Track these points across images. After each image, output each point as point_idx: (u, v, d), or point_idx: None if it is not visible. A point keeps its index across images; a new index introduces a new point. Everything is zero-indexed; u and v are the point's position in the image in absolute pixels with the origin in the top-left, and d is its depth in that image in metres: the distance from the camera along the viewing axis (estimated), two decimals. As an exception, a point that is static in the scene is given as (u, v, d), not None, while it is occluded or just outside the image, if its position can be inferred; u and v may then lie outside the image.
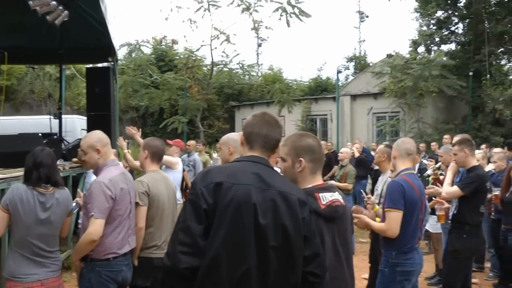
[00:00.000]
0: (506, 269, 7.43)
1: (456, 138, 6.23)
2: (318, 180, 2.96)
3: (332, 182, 8.68)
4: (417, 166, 9.68)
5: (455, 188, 5.77)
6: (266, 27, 20.51)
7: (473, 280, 7.33)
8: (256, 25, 20.10)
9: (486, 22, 22.90)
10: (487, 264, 8.71)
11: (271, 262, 2.43)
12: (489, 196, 7.17)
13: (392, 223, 4.43)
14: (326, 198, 2.83)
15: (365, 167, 12.71)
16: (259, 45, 43.16)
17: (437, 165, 7.87)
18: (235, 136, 4.39)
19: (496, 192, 7.32)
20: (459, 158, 5.85)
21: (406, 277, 4.59)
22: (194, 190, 2.49)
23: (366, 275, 4.84)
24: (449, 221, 6.02)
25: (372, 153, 13.12)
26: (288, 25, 18.51)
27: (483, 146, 12.79)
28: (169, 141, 8.43)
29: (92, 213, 3.90)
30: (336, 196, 2.91)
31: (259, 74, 35.03)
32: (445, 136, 12.94)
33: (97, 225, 3.90)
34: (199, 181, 2.50)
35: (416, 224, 4.61)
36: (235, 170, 2.58)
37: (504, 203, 7.18)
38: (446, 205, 5.84)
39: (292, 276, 2.50)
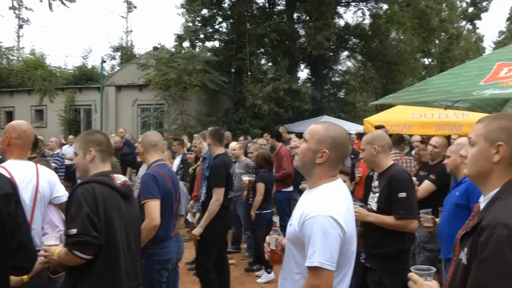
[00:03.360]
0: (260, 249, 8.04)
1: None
2: (109, 167, 3.48)
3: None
4: (179, 157, 9.91)
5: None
6: (26, 8, 19.16)
7: (231, 261, 7.79)
8: (15, 3, 18.64)
9: (248, 24, 24.28)
10: (244, 245, 9.31)
11: None
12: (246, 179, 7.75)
13: (152, 212, 4.41)
14: (120, 178, 3.39)
15: (128, 159, 12.57)
16: (20, 27, 40.01)
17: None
18: None
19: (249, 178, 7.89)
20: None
21: (163, 266, 4.68)
22: None
23: None
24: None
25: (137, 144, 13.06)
26: (51, 8, 17.55)
27: (241, 138, 13.66)
28: None
29: None
30: (126, 177, 3.49)
31: (20, 59, 32.47)
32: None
33: None
34: None
35: (171, 213, 4.70)
36: None
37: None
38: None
39: None
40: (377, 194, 4.49)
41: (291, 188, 9.28)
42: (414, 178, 6.27)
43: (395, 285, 4.22)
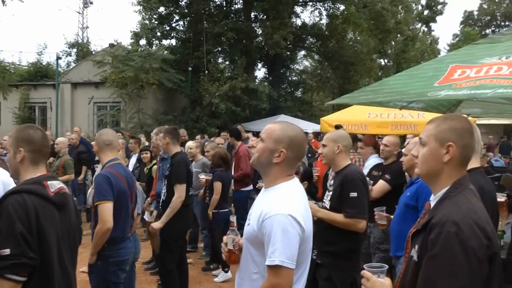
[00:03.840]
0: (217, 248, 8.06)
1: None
2: (42, 171, 3.02)
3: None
4: (136, 156, 9.82)
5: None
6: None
7: (188, 260, 7.77)
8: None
9: (205, 22, 24.20)
10: (201, 244, 9.30)
11: None
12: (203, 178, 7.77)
13: (105, 215, 4.36)
14: (54, 185, 2.94)
15: (83, 157, 12.35)
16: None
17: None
18: None
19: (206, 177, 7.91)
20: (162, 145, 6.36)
21: (120, 267, 4.62)
22: None
23: (85, 268, 4.78)
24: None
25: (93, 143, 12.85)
26: (4, 3, 17.15)
27: (198, 136, 13.64)
28: None
29: None
30: (62, 185, 3.04)
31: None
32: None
33: None
34: None
35: (127, 214, 4.65)
36: None
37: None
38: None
39: None
40: (331, 193, 4.56)
41: (250, 187, 9.29)
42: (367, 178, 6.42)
43: (343, 282, 4.28)
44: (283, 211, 2.58)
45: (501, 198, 5.33)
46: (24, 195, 2.79)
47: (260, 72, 35.38)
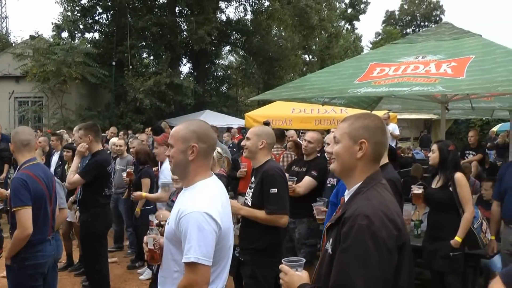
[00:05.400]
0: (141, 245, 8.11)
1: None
2: None
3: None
4: (58, 154, 9.61)
5: (77, 176, 6.03)
6: None
7: (113, 259, 7.83)
8: None
9: (129, 16, 23.94)
10: (126, 242, 9.35)
11: None
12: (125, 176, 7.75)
13: (24, 221, 4.25)
14: None
15: (5, 155, 12.04)
16: None
17: None
18: None
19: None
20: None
21: (36, 270, 4.51)
22: None
23: (5, 273, 4.67)
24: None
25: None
26: None
27: (120, 133, 13.56)
28: None
29: None
30: None
31: None
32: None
33: None
34: None
35: (45, 216, 4.56)
36: None
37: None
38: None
39: None
40: (252, 190, 4.60)
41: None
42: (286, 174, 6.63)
43: (266, 278, 4.34)
44: (198, 209, 2.65)
45: (418, 190, 5.68)
46: None
47: (185, 67, 35.27)
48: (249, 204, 4.58)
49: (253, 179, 4.71)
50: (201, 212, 2.64)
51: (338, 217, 2.30)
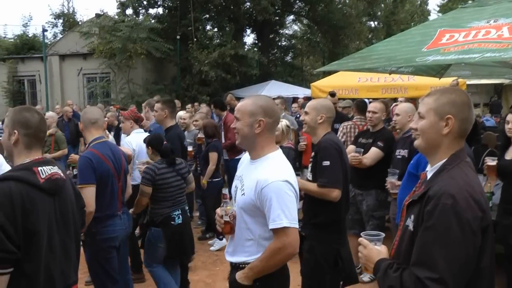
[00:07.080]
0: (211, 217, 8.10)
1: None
2: (36, 155, 2.87)
3: (46, 155, 8.27)
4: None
5: None
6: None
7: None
8: None
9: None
10: (196, 213, 9.40)
11: None
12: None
13: (87, 199, 4.05)
14: (45, 172, 2.76)
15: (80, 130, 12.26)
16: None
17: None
18: None
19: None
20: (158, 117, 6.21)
21: (108, 244, 4.66)
22: None
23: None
24: None
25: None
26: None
27: (188, 106, 13.60)
28: None
29: None
30: (56, 169, 2.86)
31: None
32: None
33: None
34: None
35: (113, 193, 4.65)
36: None
37: None
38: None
39: None
40: (311, 164, 4.50)
41: (242, 155, 9.26)
42: (353, 146, 6.40)
43: (325, 254, 4.25)
44: (280, 178, 2.86)
45: (491, 162, 5.38)
46: (11, 182, 2.63)
47: (249, 38, 35.18)
48: (310, 178, 4.46)
49: (313, 153, 4.57)
50: (283, 181, 2.86)
51: (421, 194, 2.26)
